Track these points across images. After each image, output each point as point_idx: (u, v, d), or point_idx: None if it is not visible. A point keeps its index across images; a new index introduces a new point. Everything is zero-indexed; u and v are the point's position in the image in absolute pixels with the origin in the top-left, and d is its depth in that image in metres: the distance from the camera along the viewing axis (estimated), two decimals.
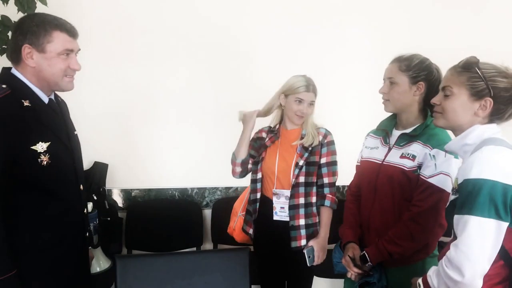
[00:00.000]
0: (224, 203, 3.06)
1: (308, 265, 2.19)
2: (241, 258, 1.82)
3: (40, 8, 2.24)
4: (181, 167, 3.18)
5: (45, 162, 1.54)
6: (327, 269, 2.83)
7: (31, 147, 1.51)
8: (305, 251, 2.19)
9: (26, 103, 1.53)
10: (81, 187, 1.73)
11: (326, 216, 2.24)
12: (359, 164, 2.07)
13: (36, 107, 1.56)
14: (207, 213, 3.21)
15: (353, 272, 1.89)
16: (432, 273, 1.42)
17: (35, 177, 1.54)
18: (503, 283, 1.34)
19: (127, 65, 3.03)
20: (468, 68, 1.41)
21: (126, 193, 3.11)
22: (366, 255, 1.84)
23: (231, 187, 3.18)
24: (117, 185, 3.10)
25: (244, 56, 3.15)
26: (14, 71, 1.59)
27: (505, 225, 1.27)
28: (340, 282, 2.61)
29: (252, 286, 2.00)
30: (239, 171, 2.31)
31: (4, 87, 1.52)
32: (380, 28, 3.27)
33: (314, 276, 2.44)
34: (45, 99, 1.63)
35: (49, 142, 1.55)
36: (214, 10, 3.10)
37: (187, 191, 3.19)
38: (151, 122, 3.13)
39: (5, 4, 2.23)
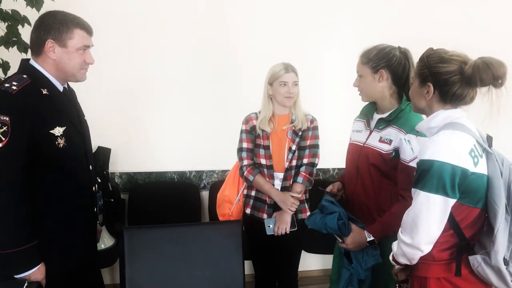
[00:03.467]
0: (220, 185, 3.14)
1: (267, 233, 2.32)
2: (235, 229, 2.01)
3: (47, 3, 2.39)
4: (180, 151, 3.33)
5: (61, 145, 1.70)
6: (317, 245, 3.02)
7: (50, 131, 1.67)
8: (265, 220, 2.35)
9: (44, 92, 1.69)
10: (91, 167, 1.89)
11: (296, 191, 2.36)
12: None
13: (53, 95, 1.72)
14: (205, 194, 3.37)
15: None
16: (394, 242, 1.60)
17: (53, 158, 1.70)
18: (451, 249, 1.50)
19: (128, 54, 3.15)
20: (421, 60, 1.57)
21: (128, 176, 3.25)
22: (372, 237, 1.93)
23: (227, 170, 3.27)
24: (120, 168, 3.24)
25: (240, 45, 3.31)
26: (32, 62, 1.74)
27: (452, 201, 1.42)
28: (328, 258, 2.78)
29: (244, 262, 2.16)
30: None
31: (25, 77, 1.67)
32: (367, 20, 3.42)
33: (307, 253, 2.59)
34: (60, 88, 1.79)
35: (65, 127, 1.71)
36: (212, 3, 3.25)
37: (185, 174, 3.35)
38: (152, 109, 3.26)
39: None
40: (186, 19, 3.23)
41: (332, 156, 2.73)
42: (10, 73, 2.42)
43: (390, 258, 1.64)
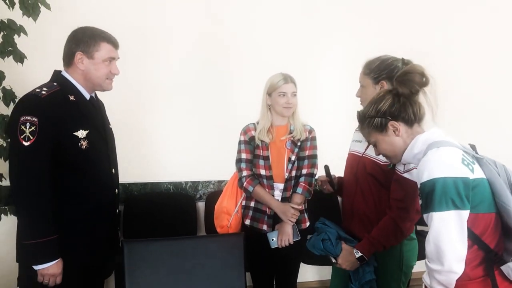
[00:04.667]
0: (216, 196, 3.09)
1: (271, 247, 2.32)
2: (237, 242, 1.98)
3: (43, 12, 2.38)
4: (175, 162, 3.31)
5: (84, 147, 1.84)
6: (314, 256, 2.99)
7: (74, 133, 1.83)
8: (267, 234, 2.34)
9: (71, 98, 1.86)
10: (113, 171, 2.02)
11: (296, 201, 2.36)
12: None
13: (79, 102, 1.88)
14: (201, 205, 3.34)
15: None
16: (424, 274, 1.56)
17: (75, 158, 1.84)
18: (482, 264, 1.46)
19: (124, 63, 3.08)
20: (362, 122, 1.68)
21: (123, 187, 3.19)
22: (360, 253, 1.92)
23: (223, 181, 3.30)
24: None
25: (237, 55, 3.31)
26: (64, 72, 1.91)
27: (465, 213, 1.40)
28: (325, 269, 2.74)
29: None
30: None
31: (55, 84, 1.85)
32: (368, 29, 3.45)
33: (304, 264, 2.56)
34: (87, 96, 1.94)
35: (88, 130, 1.86)
36: (214, 14, 3.25)
37: (181, 184, 3.32)
38: (147, 119, 3.24)
39: (11, 8, 2.35)
40: (179, 29, 3.22)
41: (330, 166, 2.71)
42: (5, 83, 2.42)
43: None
